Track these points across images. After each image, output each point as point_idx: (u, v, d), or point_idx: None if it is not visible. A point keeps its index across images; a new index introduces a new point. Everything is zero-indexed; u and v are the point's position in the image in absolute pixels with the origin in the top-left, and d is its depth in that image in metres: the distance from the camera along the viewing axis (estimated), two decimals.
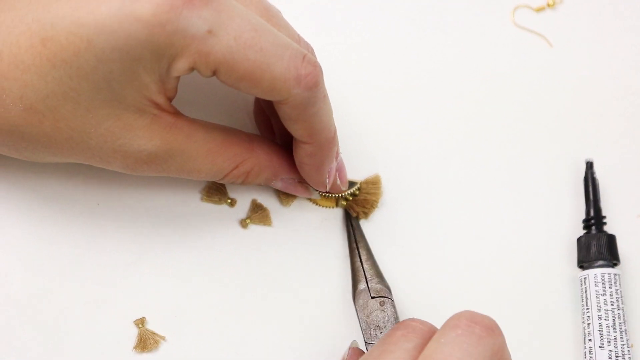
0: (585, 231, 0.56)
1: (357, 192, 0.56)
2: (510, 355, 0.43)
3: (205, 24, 0.44)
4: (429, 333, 0.43)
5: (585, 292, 0.55)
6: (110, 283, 0.53)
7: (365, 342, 0.51)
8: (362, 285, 0.53)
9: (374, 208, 0.56)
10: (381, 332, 0.52)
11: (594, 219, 0.56)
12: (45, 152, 0.48)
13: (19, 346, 0.51)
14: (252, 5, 0.48)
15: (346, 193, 0.56)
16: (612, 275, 0.54)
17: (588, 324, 0.54)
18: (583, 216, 0.57)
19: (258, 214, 0.55)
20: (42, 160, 0.49)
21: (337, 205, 0.56)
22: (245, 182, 0.53)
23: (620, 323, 0.54)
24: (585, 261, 0.55)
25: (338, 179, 0.54)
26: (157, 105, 0.47)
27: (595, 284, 0.54)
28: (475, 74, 0.60)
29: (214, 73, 0.46)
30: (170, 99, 0.48)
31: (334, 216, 0.56)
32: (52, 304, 0.52)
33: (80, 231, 0.54)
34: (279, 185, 0.54)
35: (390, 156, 0.58)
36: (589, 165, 0.57)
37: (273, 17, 0.49)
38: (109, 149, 0.47)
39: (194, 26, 0.44)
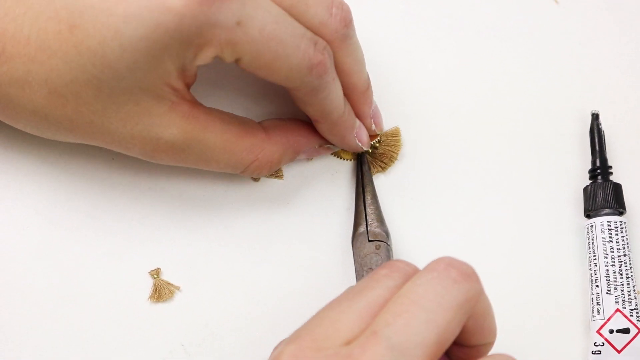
0: (591, 181, 0.57)
1: (377, 145, 0.57)
2: (490, 305, 0.44)
3: (234, 16, 0.45)
4: (413, 274, 0.44)
5: (592, 239, 0.56)
6: (125, 235, 0.54)
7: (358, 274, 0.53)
8: (361, 229, 0.54)
9: (392, 161, 0.57)
10: None
11: (600, 169, 0.57)
12: (67, 133, 0.49)
13: (36, 297, 0.53)
14: None
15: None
16: (619, 223, 0.55)
17: (595, 270, 0.55)
18: (589, 167, 0.58)
19: None
20: (66, 140, 0.51)
21: (356, 157, 0.58)
22: (271, 170, 0.54)
23: (626, 269, 0.55)
24: (591, 210, 0.56)
25: (374, 125, 0.56)
26: (176, 91, 0.48)
27: (602, 232, 0.55)
28: (483, 31, 0.61)
29: (237, 61, 0.47)
30: (188, 86, 0.49)
31: (346, 169, 0.57)
32: (68, 256, 0.53)
33: (96, 184, 0.55)
34: (302, 157, 0.56)
35: (409, 111, 0.59)
36: (595, 117, 0.58)
37: None
38: (128, 134, 0.48)
39: (225, 17, 0.45)
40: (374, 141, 0.57)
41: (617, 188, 0.57)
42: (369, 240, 0.54)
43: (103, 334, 0.52)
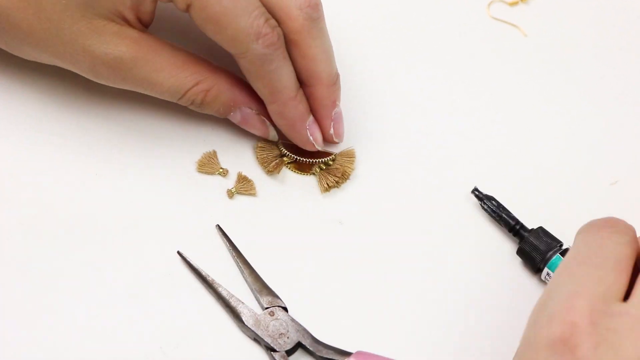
0: (520, 242, 0.56)
1: (330, 162, 0.59)
2: None
3: None
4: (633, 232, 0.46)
5: None
6: (107, 245, 0.56)
7: (276, 350, 0.53)
8: (245, 310, 0.53)
9: (345, 178, 0.59)
10: (288, 337, 0.53)
11: (516, 225, 0.57)
12: (25, 40, 0.54)
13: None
14: None
15: (320, 161, 0.59)
16: None
17: None
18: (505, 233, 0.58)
19: (243, 184, 0.58)
20: (21, 51, 0.55)
21: (310, 171, 0.59)
22: (204, 102, 0.56)
23: None
24: (540, 262, 0.55)
25: (332, 129, 0.58)
26: (127, 21, 0.53)
27: None
28: (453, 62, 0.64)
29: (188, 7, 0.51)
30: (143, 23, 0.54)
31: (312, 187, 0.59)
32: (43, 262, 0.55)
33: (78, 199, 0.57)
34: (238, 117, 0.58)
35: (365, 133, 0.61)
36: (478, 195, 0.58)
37: None
38: (79, 47, 0.53)
39: None
40: (328, 158, 0.59)
41: (543, 230, 0.56)
42: (263, 310, 0.54)
43: (81, 335, 0.53)
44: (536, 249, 0.55)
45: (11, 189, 0.57)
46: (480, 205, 0.58)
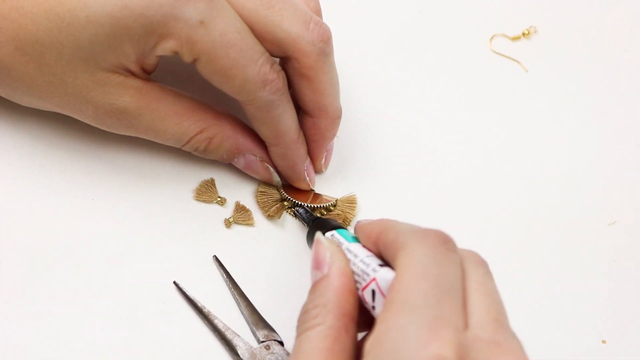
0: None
1: (332, 208, 0.59)
2: None
3: (200, 15, 0.49)
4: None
5: None
6: (102, 273, 0.55)
7: None
8: (241, 343, 0.53)
9: (347, 224, 0.58)
10: None
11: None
12: (27, 92, 0.53)
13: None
14: None
15: (321, 207, 0.58)
16: None
17: None
18: None
19: (241, 214, 0.58)
20: (22, 101, 0.54)
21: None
22: (208, 149, 0.56)
23: None
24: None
25: (323, 159, 0.58)
26: (131, 72, 0.52)
27: None
28: (453, 95, 0.64)
29: (195, 61, 0.51)
30: (147, 72, 0.53)
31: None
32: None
33: (77, 223, 0.56)
34: (241, 163, 0.58)
35: (366, 178, 0.61)
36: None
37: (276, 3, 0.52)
38: (83, 99, 0.52)
39: (190, 14, 0.49)
40: (329, 204, 0.58)
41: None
42: (259, 344, 0.53)
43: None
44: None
45: (7, 213, 0.56)
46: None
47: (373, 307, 0.45)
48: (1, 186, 0.57)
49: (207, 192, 0.58)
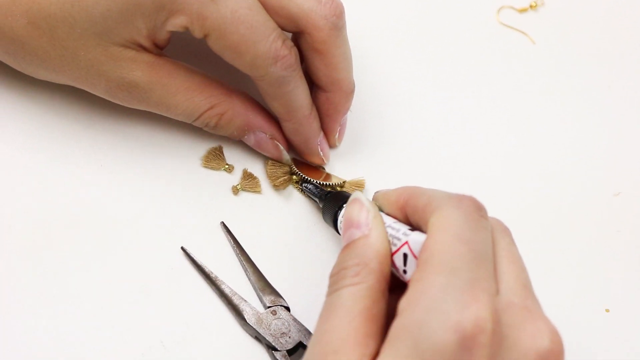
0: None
1: (338, 189, 0.58)
2: None
3: None
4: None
5: None
6: (112, 239, 0.56)
7: (277, 349, 0.53)
8: (248, 308, 0.54)
9: None
10: (289, 337, 0.53)
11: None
12: (40, 65, 0.54)
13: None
14: None
15: (329, 184, 0.58)
16: None
17: None
18: None
19: (248, 181, 0.59)
20: (37, 74, 0.55)
21: None
22: (218, 125, 0.56)
23: None
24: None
25: (337, 133, 0.59)
26: (142, 47, 0.53)
27: None
28: (461, 67, 0.64)
29: (205, 37, 0.51)
30: (159, 47, 0.53)
31: None
32: (50, 255, 0.55)
33: (84, 191, 0.57)
34: (252, 140, 0.58)
35: (376, 155, 0.61)
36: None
37: None
38: (95, 72, 0.53)
39: None
40: (336, 184, 0.58)
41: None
42: (265, 309, 0.54)
43: (83, 326, 0.53)
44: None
45: (16, 181, 0.56)
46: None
47: (404, 272, 0.45)
48: (15, 155, 0.57)
49: (215, 160, 0.59)
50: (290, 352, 0.53)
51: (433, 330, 0.40)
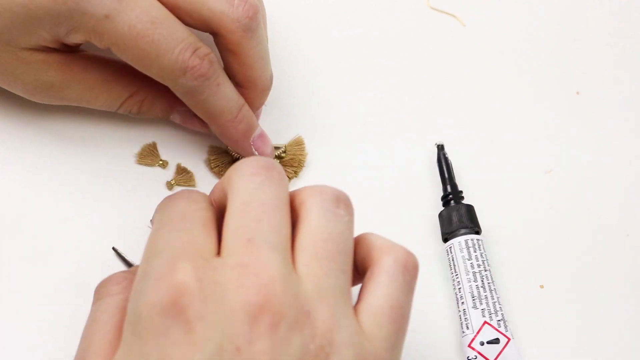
0: (445, 207, 0.59)
1: (283, 155, 0.60)
2: None
3: (104, 9, 0.50)
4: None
5: (453, 260, 0.57)
6: (45, 238, 0.56)
7: None
8: None
9: (301, 166, 0.60)
10: None
11: (451, 194, 0.59)
12: None
13: None
14: None
15: (276, 155, 0.59)
16: (476, 240, 0.57)
17: (459, 288, 0.56)
18: (442, 194, 0.60)
19: (182, 176, 0.59)
20: None
21: None
22: (141, 110, 0.57)
23: (489, 283, 0.56)
24: (448, 232, 0.58)
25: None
26: (52, 49, 0.53)
27: (461, 250, 0.57)
28: (391, 52, 0.65)
29: (109, 49, 0.52)
30: (71, 48, 0.54)
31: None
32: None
33: (17, 192, 0.57)
34: (177, 118, 0.58)
35: (309, 120, 0.62)
36: (440, 148, 0.61)
37: None
38: (10, 75, 0.54)
39: (93, 9, 0.50)
40: (280, 152, 0.59)
41: (470, 209, 0.58)
42: None
43: (15, 329, 0.54)
44: (450, 221, 0.58)
45: None
46: (440, 155, 0.60)
47: None
48: None
49: (149, 156, 0.59)
50: None
51: (139, 310, 0.41)
